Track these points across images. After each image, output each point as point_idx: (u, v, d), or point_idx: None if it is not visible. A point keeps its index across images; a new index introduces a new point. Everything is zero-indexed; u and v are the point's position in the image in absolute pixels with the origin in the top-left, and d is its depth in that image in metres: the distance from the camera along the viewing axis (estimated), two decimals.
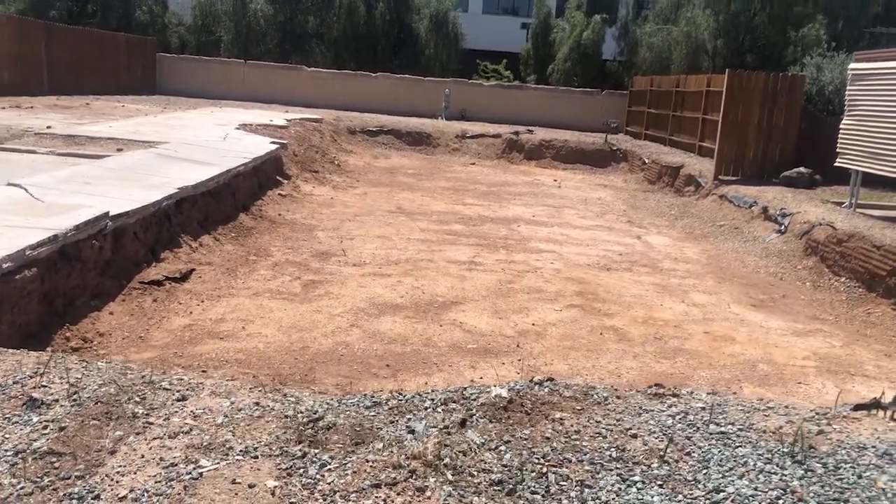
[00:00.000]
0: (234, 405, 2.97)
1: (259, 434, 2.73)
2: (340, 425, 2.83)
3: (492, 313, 6.77)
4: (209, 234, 8.15)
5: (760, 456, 2.90)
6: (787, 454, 2.92)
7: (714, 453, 2.90)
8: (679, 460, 2.83)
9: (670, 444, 2.94)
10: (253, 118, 16.46)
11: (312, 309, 6.34)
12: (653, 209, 14.21)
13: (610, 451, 2.85)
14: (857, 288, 8.90)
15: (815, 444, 3.06)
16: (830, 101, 14.61)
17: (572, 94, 27.47)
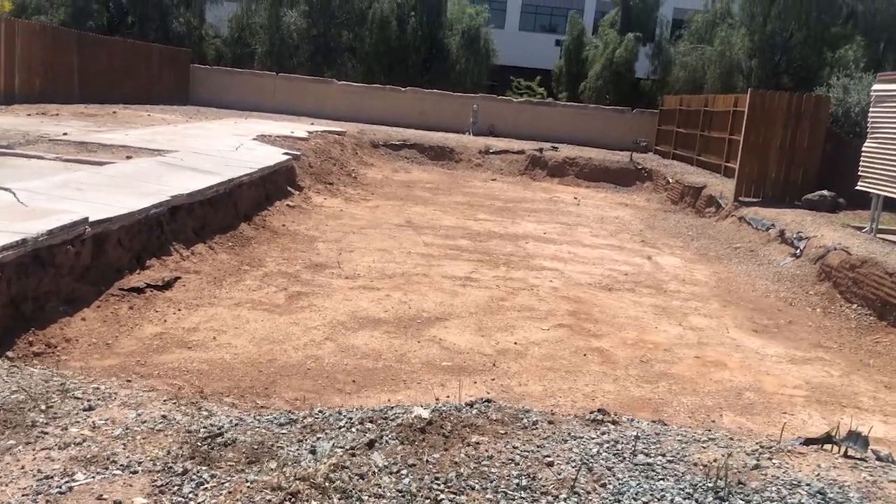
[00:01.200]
0: (140, 417, 2.90)
1: (152, 448, 2.65)
2: (241, 442, 2.74)
3: (475, 330, 6.65)
4: (204, 243, 8.16)
5: (681, 490, 2.75)
6: (711, 489, 2.76)
7: (632, 485, 2.75)
8: (591, 492, 2.69)
9: (587, 474, 2.80)
10: (274, 130, 16.58)
11: (290, 321, 6.28)
12: (670, 229, 13.95)
13: (519, 479, 2.72)
14: (869, 315, 8.59)
15: (746, 479, 2.89)
16: (857, 123, 14.22)
17: (602, 111, 27.24)
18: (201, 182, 8.64)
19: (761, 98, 13.87)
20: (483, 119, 25.96)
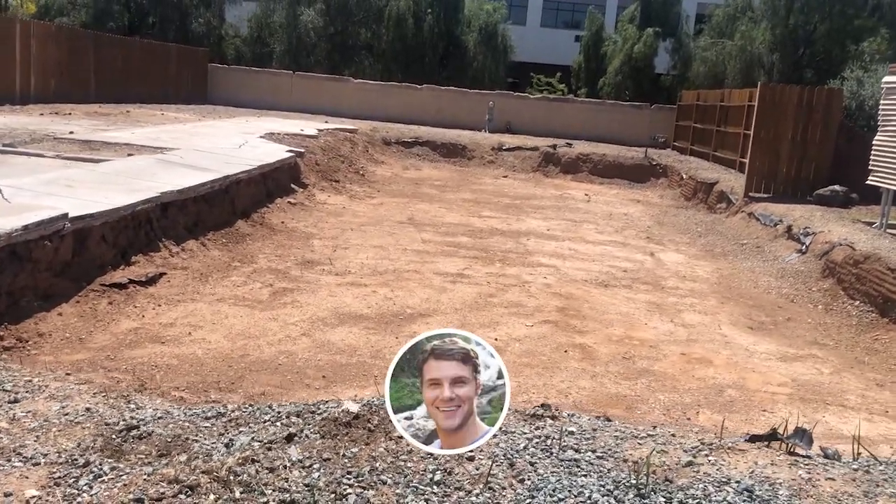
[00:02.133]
0: (63, 409, 2.90)
1: (64, 440, 2.65)
2: (157, 435, 2.73)
3: (457, 326, 6.59)
4: (196, 240, 8.20)
5: (602, 487, 2.68)
6: (633, 486, 2.69)
7: (551, 481, 2.69)
8: (507, 487, 2.63)
9: (508, 469, 2.75)
10: (284, 128, 16.64)
11: (269, 317, 6.29)
12: (679, 226, 13.78)
13: (435, 474, 2.67)
14: (870, 312, 8.40)
15: (675, 476, 2.82)
16: (872, 116, 13.91)
17: (620, 107, 27.01)
18: (195, 179, 8.69)
19: (772, 92, 13.64)
20: (499, 116, 25.85)
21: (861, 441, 5.09)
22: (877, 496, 2.80)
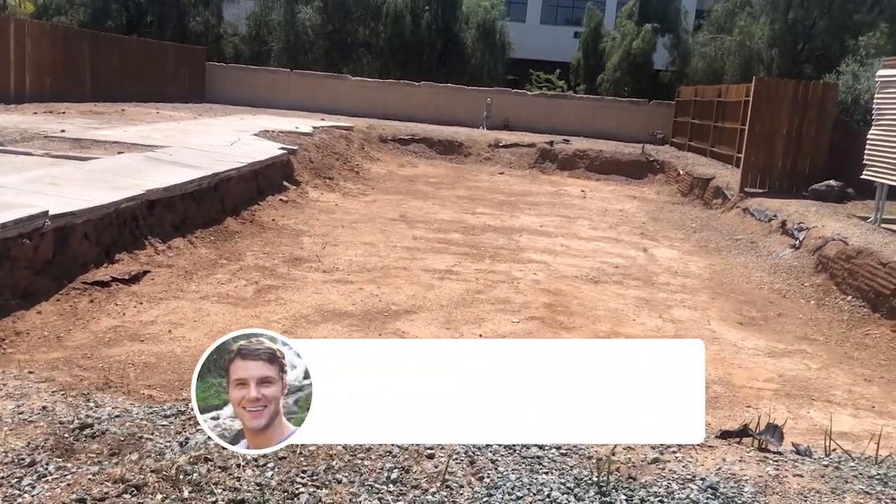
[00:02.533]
0: (18, 408, 2.86)
1: (14, 440, 2.61)
2: (110, 434, 2.69)
3: (441, 323, 6.55)
4: (183, 237, 8.16)
5: (563, 485, 2.64)
6: (595, 484, 2.65)
7: (511, 479, 2.65)
8: (465, 486, 2.59)
9: (468, 467, 2.70)
10: (279, 125, 16.60)
11: (251, 314, 6.25)
12: (674, 221, 13.72)
13: (393, 472, 2.63)
14: (862, 307, 8.34)
15: (640, 473, 2.78)
16: (868, 110, 13.82)
17: (618, 103, 26.92)
18: (183, 177, 8.65)
19: (767, 86, 13.57)
20: (497, 113, 25.79)
21: (845, 436, 5.06)
22: (845, 493, 2.75)
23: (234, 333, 2.37)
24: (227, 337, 2.34)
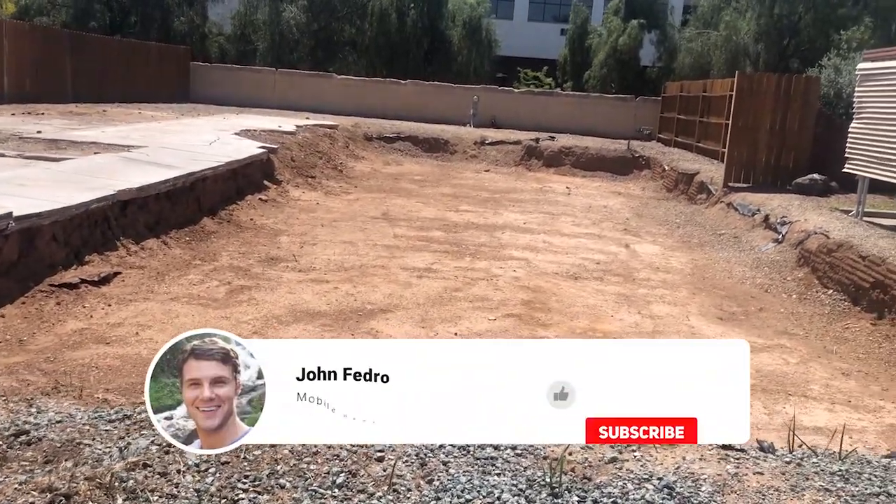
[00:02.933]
0: None
1: None
2: (47, 440, 2.60)
3: (416, 322, 6.47)
4: (157, 238, 8.06)
5: (514, 487, 2.56)
6: (547, 485, 2.57)
7: (461, 482, 2.57)
8: (413, 489, 2.51)
9: (418, 469, 2.63)
10: (262, 124, 16.48)
11: (221, 315, 6.15)
12: (658, 217, 13.68)
13: (340, 476, 2.55)
14: (843, 301, 8.31)
15: (595, 473, 2.71)
16: (850, 104, 13.80)
17: (605, 100, 26.88)
18: (158, 176, 8.54)
19: (749, 81, 13.54)
20: (484, 110, 25.71)
21: (820, 431, 5.01)
22: (804, 490, 2.69)
23: (189, 333, 2.33)
24: (180, 336, 2.31)
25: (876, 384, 6.06)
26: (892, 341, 7.09)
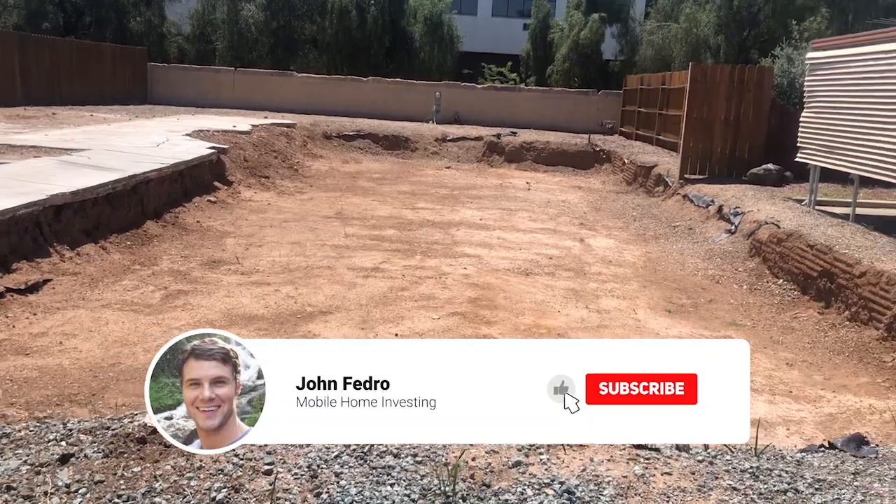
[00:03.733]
0: None
1: None
2: None
3: (357, 323, 6.34)
4: (95, 243, 7.84)
5: (407, 497, 2.44)
6: (442, 494, 2.46)
7: (351, 494, 2.45)
8: (299, 503, 2.38)
9: (308, 482, 2.50)
10: (217, 124, 16.22)
11: (153, 322, 5.97)
12: (616, 211, 13.65)
13: (220, 492, 2.41)
14: (793, 290, 8.31)
15: (495, 480, 2.59)
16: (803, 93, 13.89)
17: (567, 94, 26.87)
18: (96, 180, 8.31)
19: (703, 71, 13.55)
20: (447, 107, 25.58)
21: (755, 424, 4.95)
22: (712, 490, 2.60)
23: (188, 333, 2.25)
24: (180, 337, 2.27)
25: (819, 374, 6.04)
26: (837, 330, 7.09)
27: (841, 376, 6.01)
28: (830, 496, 2.59)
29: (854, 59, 9.79)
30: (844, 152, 9.98)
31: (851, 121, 9.80)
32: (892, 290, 6.75)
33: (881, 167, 8.92)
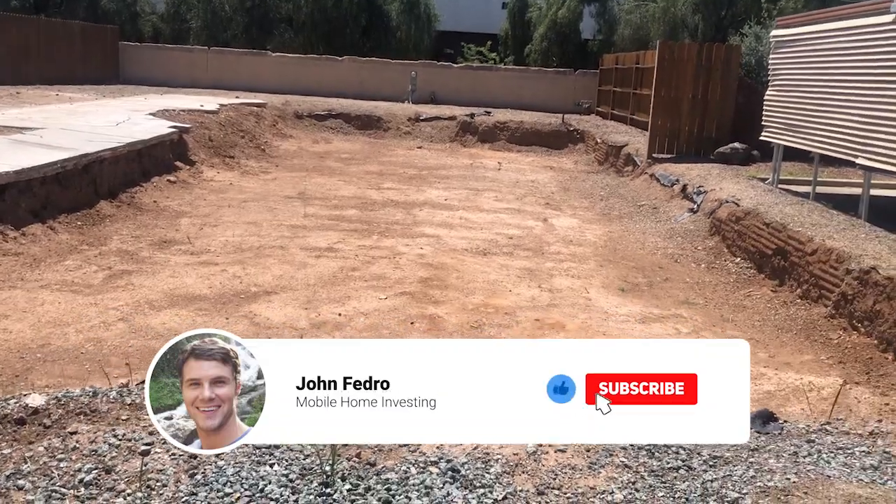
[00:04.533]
0: None
1: None
2: None
3: (301, 304, 6.26)
4: (43, 223, 7.70)
5: (284, 476, 2.38)
6: (321, 474, 2.40)
7: (227, 474, 2.39)
8: (171, 484, 2.32)
9: (185, 462, 2.43)
10: (183, 104, 15.99)
11: (90, 302, 5.87)
12: (583, 190, 13.60)
13: (90, 473, 2.34)
14: (749, 269, 8.31)
15: (383, 458, 2.54)
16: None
17: (544, 74, 26.72)
18: (44, 159, 8.16)
19: (671, 49, 13.48)
20: (424, 86, 25.37)
21: None
22: (603, 467, 2.56)
23: (189, 333, 2.23)
24: (180, 337, 2.24)
25: (764, 351, 6.02)
26: (788, 308, 7.09)
27: (786, 354, 6.01)
28: (723, 472, 2.56)
29: (815, 37, 9.75)
30: (805, 130, 9.97)
31: (811, 98, 9.78)
32: (840, 267, 6.74)
33: (838, 145, 8.91)
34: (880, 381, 5.48)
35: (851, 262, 6.64)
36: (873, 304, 6.12)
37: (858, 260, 6.61)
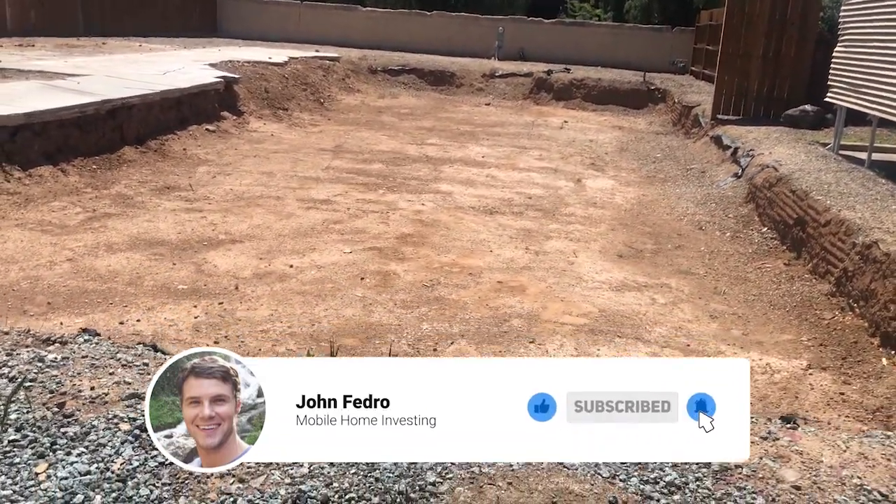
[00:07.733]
0: None
1: None
2: None
3: (260, 253, 6.21)
4: (55, 166, 7.97)
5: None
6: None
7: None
8: None
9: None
10: (253, 56, 16.19)
11: (51, 242, 6.02)
12: (641, 152, 12.90)
13: None
14: (773, 240, 7.67)
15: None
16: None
17: (639, 31, 25.49)
18: (65, 103, 8.42)
19: (741, 3, 12.45)
20: (512, 43, 24.72)
21: None
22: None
23: (189, 351, 2.26)
24: (181, 355, 2.24)
25: (739, 329, 5.51)
26: (793, 283, 6.48)
27: (763, 332, 5.47)
28: None
29: None
30: (867, 91, 9.00)
31: (875, 56, 8.79)
32: (848, 240, 6.07)
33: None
34: (852, 367, 4.91)
35: (859, 236, 5.95)
36: (870, 282, 5.48)
37: (867, 233, 5.91)
